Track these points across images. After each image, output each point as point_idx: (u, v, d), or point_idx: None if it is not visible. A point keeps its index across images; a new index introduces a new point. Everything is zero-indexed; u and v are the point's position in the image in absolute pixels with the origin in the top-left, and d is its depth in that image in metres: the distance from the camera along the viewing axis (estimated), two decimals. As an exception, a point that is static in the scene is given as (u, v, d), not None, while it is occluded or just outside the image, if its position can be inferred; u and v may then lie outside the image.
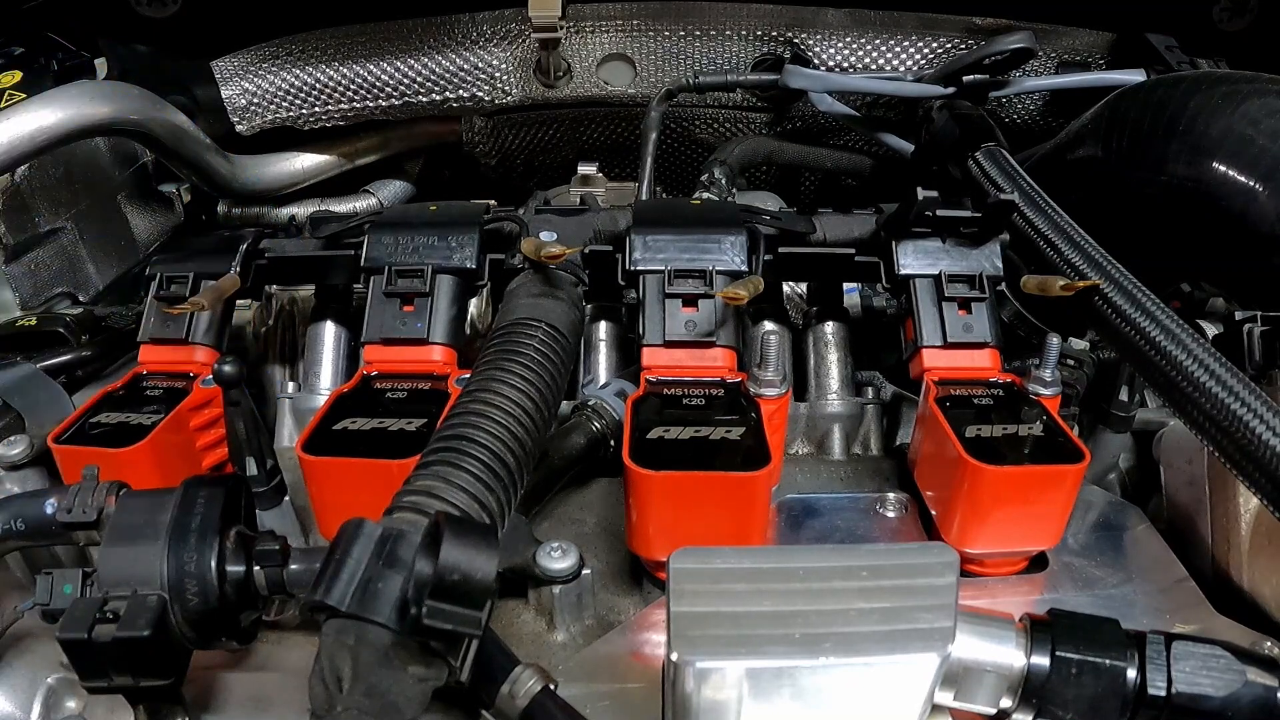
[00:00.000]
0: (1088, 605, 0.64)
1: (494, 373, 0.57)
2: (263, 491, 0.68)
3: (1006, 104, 1.18)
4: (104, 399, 0.70)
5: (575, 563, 0.62)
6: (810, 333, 0.86)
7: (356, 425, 0.63)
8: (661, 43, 1.19)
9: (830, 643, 0.44)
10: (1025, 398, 0.68)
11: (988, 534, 0.63)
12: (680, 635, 0.44)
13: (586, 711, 0.49)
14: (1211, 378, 0.56)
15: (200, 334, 0.76)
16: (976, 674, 0.49)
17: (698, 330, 0.70)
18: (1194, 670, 0.48)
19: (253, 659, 0.62)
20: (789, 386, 0.68)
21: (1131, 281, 0.65)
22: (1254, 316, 0.70)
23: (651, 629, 0.61)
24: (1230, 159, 0.71)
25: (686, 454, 0.60)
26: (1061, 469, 0.61)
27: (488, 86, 1.18)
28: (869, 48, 1.17)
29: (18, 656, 0.61)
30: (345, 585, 0.41)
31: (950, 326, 0.72)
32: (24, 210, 1.00)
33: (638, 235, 0.74)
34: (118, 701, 0.54)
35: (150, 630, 0.47)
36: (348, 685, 0.40)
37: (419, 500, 0.47)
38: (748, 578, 0.46)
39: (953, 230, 0.75)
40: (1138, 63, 1.07)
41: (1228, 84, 0.75)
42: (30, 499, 0.57)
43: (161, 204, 1.22)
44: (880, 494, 0.74)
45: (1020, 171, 0.79)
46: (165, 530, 0.50)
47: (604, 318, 0.87)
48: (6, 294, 0.99)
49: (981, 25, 1.19)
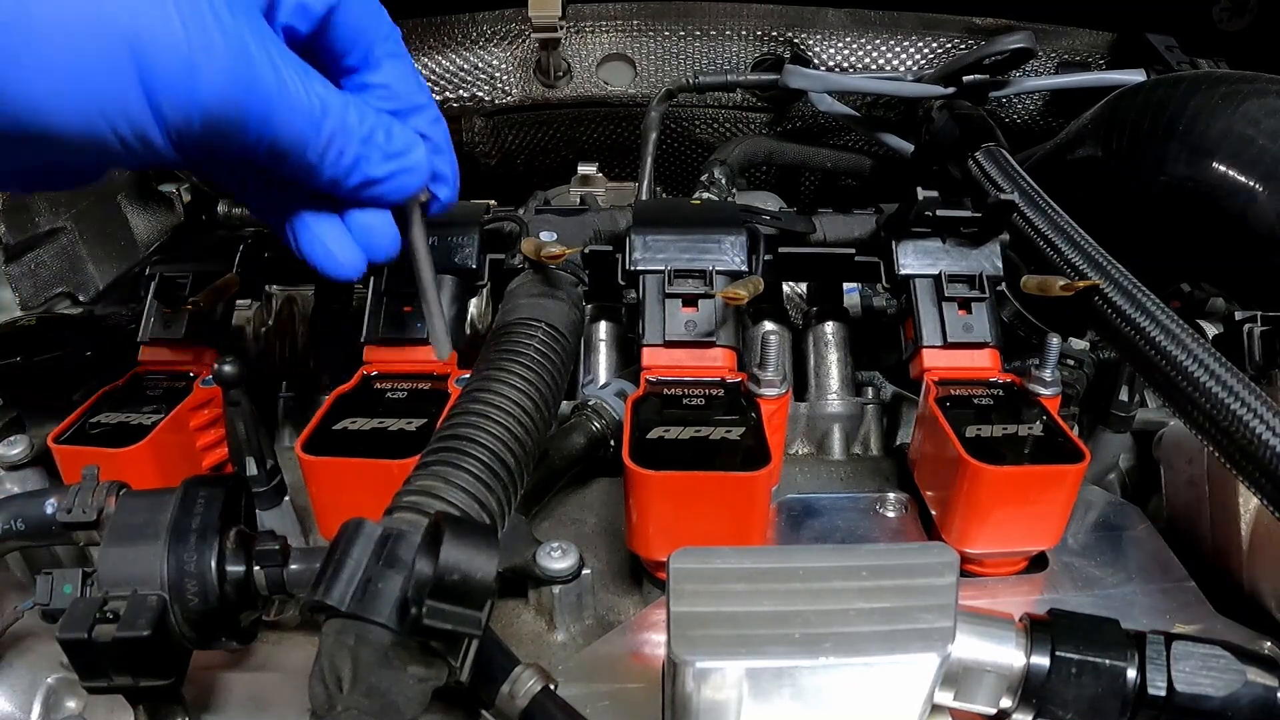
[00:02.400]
0: (1088, 605, 0.64)
1: (494, 373, 0.57)
2: (263, 491, 0.68)
3: (1006, 104, 1.18)
4: (103, 399, 0.70)
5: (575, 563, 0.62)
6: (810, 333, 0.86)
7: (356, 425, 0.63)
8: (661, 43, 1.19)
9: (830, 643, 0.44)
10: (1025, 398, 0.68)
11: (988, 534, 0.63)
12: (680, 635, 0.44)
13: (586, 711, 0.50)
14: (1211, 378, 0.56)
15: (200, 334, 0.76)
16: (976, 674, 0.49)
17: (698, 330, 0.70)
18: (1194, 670, 0.48)
19: (253, 659, 0.62)
20: (789, 386, 0.68)
21: (1131, 281, 0.65)
22: (1254, 316, 0.70)
23: (651, 629, 0.61)
24: (1230, 159, 0.71)
25: (686, 454, 0.60)
26: (1061, 469, 0.61)
27: (488, 86, 1.18)
28: (869, 48, 1.17)
29: (18, 656, 0.61)
30: (345, 585, 0.41)
31: (950, 326, 0.72)
32: (24, 210, 1.00)
33: (638, 235, 0.74)
34: (118, 701, 0.54)
35: (150, 630, 0.47)
36: (348, 685, 0.40)
37: (419, 500, 0.47)
38: (748, 578, 0.46)
39: (953, 230, 0.75)
40: (1138, 63, 1.07)
41: (1228, 84, 0.75)
42: (30, 499, 0.57)
43: (161, 204, 1.22)
44: (880, 494, 0.74)
45: (1020, 171, 0.79)
46: (165, 530, 0.50)
47: (604, 318, 0.87)
48: (6, 294, 0.99)
49: (981, 25, 1.19)
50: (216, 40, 0.44)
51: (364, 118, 0.52)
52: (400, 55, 0.57)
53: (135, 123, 0.44)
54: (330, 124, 0.50)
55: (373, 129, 0.53)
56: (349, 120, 0.51)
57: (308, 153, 0.50)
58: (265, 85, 0.46)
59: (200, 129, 0.45)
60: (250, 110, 0.46)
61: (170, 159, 0.47)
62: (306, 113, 0.49)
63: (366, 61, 0.55)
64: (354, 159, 0.52)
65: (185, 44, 0.43)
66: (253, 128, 0.47)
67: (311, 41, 0.53)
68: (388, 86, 0.56)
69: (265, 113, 0.47)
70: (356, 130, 0.52)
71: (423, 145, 0.56)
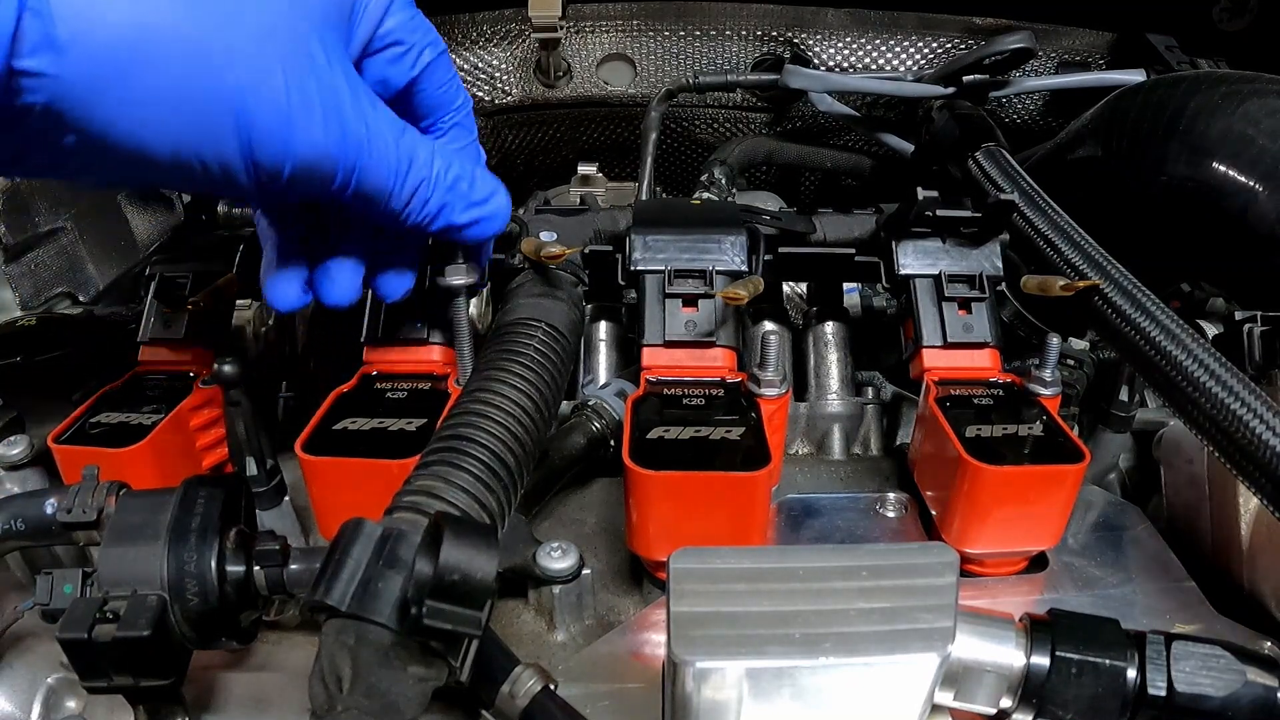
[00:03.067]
0: (1088, 605, 0.64)
1: (494, 373, 0.57)
2: (263, 491, 0.68)
3: (1006, 104, 1.18)
4: (103, 399, 0.70)
5: (575, 563, 0.62)
6: (810, 333, 0.86)
7: (356, 425, 0.63)
8: (661, 43, 1.19)
9: (830, 643, 0.44)
10: (1025, 398, 0.68)
11: (988, 534, 0.63)
12: (680, 635, 0.44)
13: (586, 711, 0.50)
14: (1211, 378, 0.56)
15: (200, 334, 0.76)
16: (976, 674, 0.49)
17: (698, 330, 0.70)
18: (1194, 670, 0.48)
19: (253, 659, 0.62)
20: (789, 386, 0.68)
21: (1131, 281, 0.65)
22: (1254, 316, 0.70)
23: (651, 629, 0.61)
24: (1230, 159, 0.71)
25: (686, 454, 0.60)
26: (1061, 469, 0.61)
27: (488, 86, 1.18)
28: (869, 48, 1.17)
29: (18, 656, 0.61)
30: (345, 585, 0.41)
31: (950, 326, 0.72)
32: (24, 210, 1.00)
33: (638, 235, 0.74)
34: (118, 701, 0.54)
35: (150, 630, 0.47)
36: (348, 685, 0.40)
37: (419, 500, 0.47)
38: (748, 578, 0.46)
39: (953, 230, 0.75)
40: (1138, 63, 1.07)
41: (1228, 84, 0.75)
42: (30, 499, 0.57)
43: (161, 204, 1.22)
44: (880, 494, 0.74)
45: (1020, 171, 0.79)
46: (165, 530, 0.50)
47: (604, 318, 0.87)
48: (6, 294, 0.99)
49: (981, 25, 1.19)
50: (314, 96, 0.47)
51: (450, 166, 0.56)
52: (465, 126, 0.62)
53: (226, 165, 0.46)
54: (415, 175, 0.53)
55: (458, 178, 0.56)
56: (435, 170, 0.55)
57: (392, 200, 0.53)
58: (356, 138, 0.49)
59: (289, 176, 0.48)
60: (340, 161, 0.49)
61: (251, 195, 0.50)
62: (394, 165, 0.52)
63: (434, 129, 0.60)
64: (438, 207, 0.56)
65: (285, 101, 0.46)
66: (341, 177, 0.50)
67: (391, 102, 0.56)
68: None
69: (353, 164, 0.50)
70: (443, 180, 0.55)
71: (504, 192, 0.60)
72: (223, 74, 0.44)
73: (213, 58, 0.43)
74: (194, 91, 0.43)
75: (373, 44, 0.54)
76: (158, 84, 0.42)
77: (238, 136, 0.45)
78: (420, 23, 0.56)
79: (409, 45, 0.56)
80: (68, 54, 0.40)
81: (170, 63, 0.42)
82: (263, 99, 0.45)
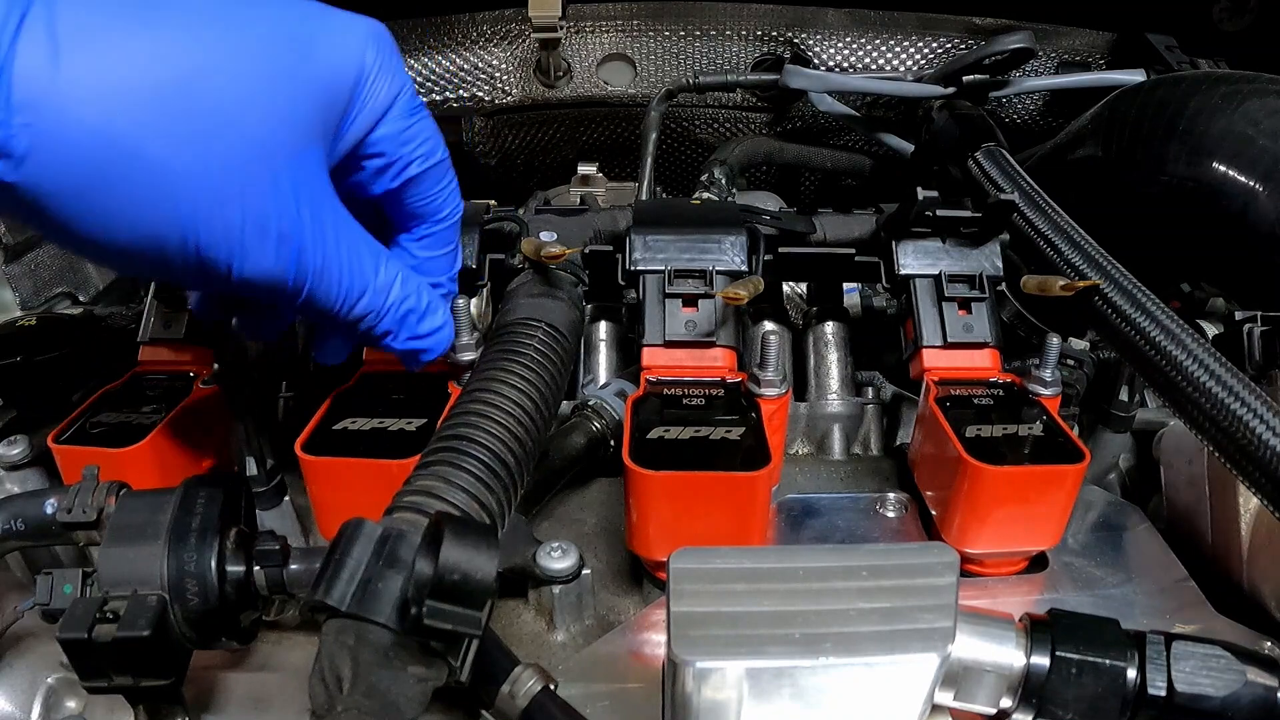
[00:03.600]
0: (1088, 605, 0.64)
1: (494, 373, 0.57)
2: (263, 491, 0.68)
3: (1006, 104, 1.18)
4: (103, 398, 0.70)
5: (575, 563, 0.62)
6: (810, 333, 0.86)
7: (356, 425, 0.63)
8: (661, 43, 1.19)
9: (830, 643, 0.44)
10: (1025, 398, 0.68)
11: (988, 534, 0.63)
12: (680, 635, 0.44)
13: (586, 711, 0.49)
14: (1211, 378, 0.56)
15: (200, 334, 0.76)
16: (976, 674, 0.49)
17: (698, 330, 0.70)
18: (1194, 670, 0.48)
19: (253, 659, 0.62)
20: (789, 386, 0.68)
21: (1131, 281, 0.65)
22: (1254, 316, 0.70)
23: (651, 629, 0.61)
24: (1230, 159, 0.71)
25: (686, 454, 0.60)
26: (1061, 469, 0.61)
27: (488, 86, 1.18)
28: (869, 48, 1.17)
29: (18, 656, 0.61)
30: (345, 585, 0.41)
31: (950, 326, 0.72)
32: (24, 210, 1.00)
33: (638, 235, 0.74)
34: (118, 701, 0.54)
35: (150, 630, 0.47)
36: (348, 685, 0.40)
37: (419, 500, 0.47)
38: (748, 578, 0.46)
39: (953, 230, 0.75)
40: (1138, 63, 1.07)
41: (1228, 84, 0.75)
42: (30, 499, 0.57)
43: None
44: (880, 494, 0.74)
45: (1020, 171, 0.79)
46: (165, 530, 0.50)
47: (604, 318, 0.87)
48: (6, 294, 0.99)
49: (981, 25, 1.19)
50: (271, 226, 0.48)
51: (406, 299, 0.57)
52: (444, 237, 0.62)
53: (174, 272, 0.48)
54: (365, 304, 0.55)
55: (409, 312, 0.58)
56: (389, 300, 0.56)
57: (339, 317, 0.54)
58: (310, 268, 0.50)
59: (237, 285, 0.49)
60: (290, 283, 0.50)
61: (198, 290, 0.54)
62: (345, 293, 0.53)
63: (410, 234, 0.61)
64: (381, 331, 0.57)
65: (239, 231, 0.47)
66: (290, 292, 0.51)
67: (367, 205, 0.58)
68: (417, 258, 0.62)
69: (304, 286, 0.51)
70: (394, 311, 0.57)
71: (450, 328, 0.62)
72: (177, 201, 0.44)
73: (171, 183, 0.44)
74: (145, 212, 0.44)
75: (359, 151, 0.54)
76: (109, 203, 0.43)
77: (184, 255, 0.46)
78: (415, 133, 0.55)
79: (393, 159, 0.55)
80: (25, 165, 0.41)
81: (126, 183, 0.43)
82: (215, 229, 0.46)
